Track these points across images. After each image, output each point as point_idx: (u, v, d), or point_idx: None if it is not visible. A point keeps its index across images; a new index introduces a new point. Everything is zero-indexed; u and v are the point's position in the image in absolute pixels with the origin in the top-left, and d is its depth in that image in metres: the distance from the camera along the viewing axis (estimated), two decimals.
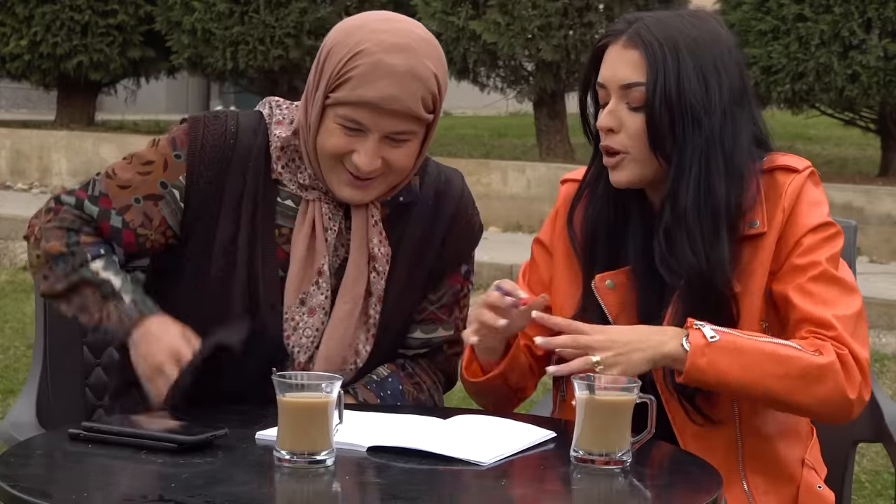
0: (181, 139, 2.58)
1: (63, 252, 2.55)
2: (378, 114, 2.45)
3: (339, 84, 2.47)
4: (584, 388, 2.20)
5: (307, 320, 2.56)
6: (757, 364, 2.35)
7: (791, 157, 2.53)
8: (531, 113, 11.70)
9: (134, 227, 2.57)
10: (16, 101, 18.15)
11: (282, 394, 2.14)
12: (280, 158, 2.57)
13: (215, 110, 2.64)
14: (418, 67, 2.47)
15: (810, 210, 2.47)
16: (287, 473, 2.11)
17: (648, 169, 2.47)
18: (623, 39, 2.47)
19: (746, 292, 2.45)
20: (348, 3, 11.94)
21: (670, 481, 2.23)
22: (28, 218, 2.69)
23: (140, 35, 12.87)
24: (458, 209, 2.67)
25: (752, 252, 2.46)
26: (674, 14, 2.52)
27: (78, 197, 2.60)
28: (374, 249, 2.57)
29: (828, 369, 2.37)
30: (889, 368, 6.56)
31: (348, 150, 2.49)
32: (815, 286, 2.43)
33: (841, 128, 11.42)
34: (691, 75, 2.44)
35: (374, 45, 2.46)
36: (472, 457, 2.18)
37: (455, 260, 2.68)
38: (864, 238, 8.85)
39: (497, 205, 10.32)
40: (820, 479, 2.55)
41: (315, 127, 2.51)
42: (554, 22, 10.47)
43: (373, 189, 2.53)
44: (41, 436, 2.39)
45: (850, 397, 2.39)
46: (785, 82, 9.63)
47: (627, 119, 2.46)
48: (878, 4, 9.36)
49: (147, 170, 2.58)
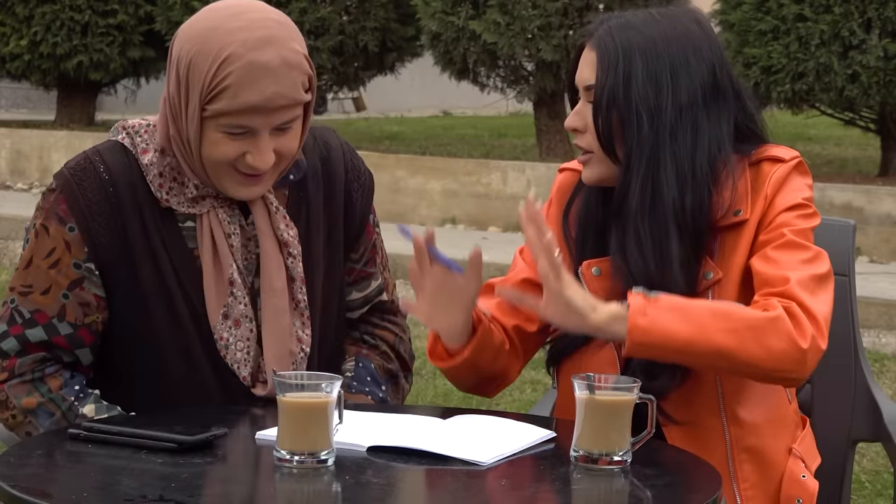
0: (63, 210, 2.49)
1: (42, 403, 2.47)
2: (264, 113, 2.41)
3: (214, 96, 2.41)
4: (584, 388, 2.20)
5: (235, 332, 2.53)
6: (702, 320, 2.34)
7: (781, 148, 2.55)
8: (531, 113, 11.69)
9: (81, 322, 2.50)
10: (16, 101, 18.14)
11: (282, 394, 2.13)
12: (162, 186, 2.51)
13: (76, 161, 2.53)
14: (289, 56, 2.42)
15: (789, 193, 2.49)
16: (287, 473, 2.11)
17: (611, 168, 2.51)
18: (589, 42, 2.53)
19: (726, 278, 2.48)
20: (348, 3, 11.94)
21: (670, 481, 2.23)
22: (27, 218, 2.66)
23: (140, 35, 12.87)
24: (347, 166, 2.67)
25: (734, 239, 2.49)
26: (644, 13, 2.53)
27: (16, 335, 2.49)
28: (282, 235, 2.55)
29: (775, 320, 2.35)
30: (889, 368, 6.55)
31: (240, 154, 2.44)
32: (775, 252, 2.44)
33: (841, 128, 11.41)
34: (639, 77, 2.46)
35: (238, 46, 2.40)
36: (471, 457, 2.18)
37: (362, 214, 2.68)
38: (864, 238, 8.85)
39: (497, 205, 10.32)
40: (805, 469, 2.54)
41: (196, 141, 2.45)
42: (554, 22, 10.47)
43: (266, 181, 2.51)
44: (41, 436, 2.39)
45: (803, 346, 2.34)
46: (785, 82, 9.63)
47: (590, 117, 2.50)
48: (878, 4, 9.36)
49: (54, 260, 2.49)
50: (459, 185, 10.50)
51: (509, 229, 10.03)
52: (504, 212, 10.23)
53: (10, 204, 10.85)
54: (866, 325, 7.21)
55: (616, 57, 2.48)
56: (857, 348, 2.81)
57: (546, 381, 5.13)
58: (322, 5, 11.81)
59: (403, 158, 10.86)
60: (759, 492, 2.50)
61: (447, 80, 11.59)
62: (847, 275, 2.80)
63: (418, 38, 11.91)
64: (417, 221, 10.27)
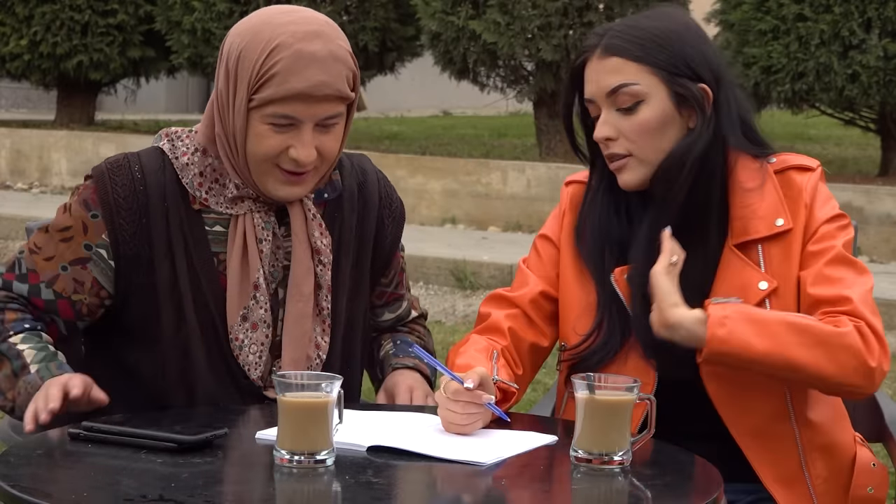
0: (92, 198, 2.55)
1: None
2: (310, 102, 2.45)
3: (262, 83, 2.46)
4: (584, 388, 2.20)
5: (251, 335, 2.55)
6: (778, 333, 2.38)
7: (799, 156, 2.60)
8: (531, 113, 11.70)
9: (67, 294, 2.56)
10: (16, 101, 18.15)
11: (282, 393, 2.14)
12: (202, 185, 2.56)
13: (115, 158, 2.60)
14: (336, 50, 2.48)
15: (824, 204, 2.55)
16: (287, 473, 2.11)
17: (653, 166, 2.51)
18: (598, 52, 2.52)
19: (783, 288, 2.50)
20: (348, 3, 11.95)
21: (670, 481, 2.23)
22: (27, 218, 2.70)
23: (140, 35, 12.88)
24: (381, 195, 2.72)
25: (781, 248, 2.51)
26: (640, 16, 2.57)
27: (6, 280, 2.59)
28: (316, 242, 2.58)
29: (847, 337, 2.40)
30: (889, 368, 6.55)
31: (284, 148, 2.48)
32: (829, 269, 2.49)
33: (841, 128, 11.42)
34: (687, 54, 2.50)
35: (287, 36, 2.46)
36: (473, 458, 2.18)
37: (392, 241, 2.74)
38: (864, 238, 8.85)
39: (497, 205, 10.32)
40: (874, 458, 2.59)
41: (242, 135, 2.49)
42: (554, 22, 10.47)
43: (307, 182, 2.54)
44: (41, 435, 2.39)
45: (872, 365, 2.41)
46: (785, 82, 9.63)
47: (622, 123, 2.50)
48: (878, 4, 9.36)
49: (67, 236, 2.56)
50: (459, 185, 10.50)
51: (509, 229, 10.03)
52: (504, 212, 10.23)
53: (10, 204, 10.85)
54: None
55: (649, 47, 2.49)
56: None
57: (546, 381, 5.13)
58: (322, 5, 11.81)
59: (403, 158, 10.86)
60: (832, 486, 2.54)
61: (447, 80, 11.59)
62: None
63: (418, 37, 11.91)
64: (417, 221, 10.28)
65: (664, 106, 2.49)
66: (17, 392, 2.49)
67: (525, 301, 2.63)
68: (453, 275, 8.39)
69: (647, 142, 2.50)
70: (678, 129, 2.51)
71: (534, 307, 2.63)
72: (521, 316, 2.62)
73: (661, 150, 2.50)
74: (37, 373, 2.48)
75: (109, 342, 2.62)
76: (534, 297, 2.63)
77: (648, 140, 2.50)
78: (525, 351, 2.61)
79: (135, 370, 2.58)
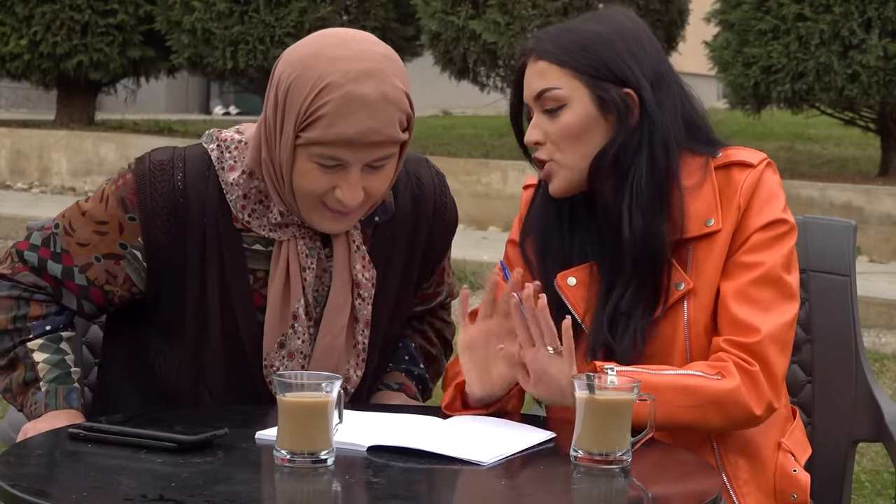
0: (131, 200, 2.48)
1: (8, 329, 2.53)
2: (357, 148, 2.36)
3: (309, 123, 2.36)
4: (583, 388, 2.20)
5: (287, 364, 2.51)
6: (667, 399, 2.36)
7: (747, 150, 2.55)
8: None
9: (100, 284, 2.53)
10: (16, 101, 18.16)
11: (282, 393, 2.13)
12: (245, 207, 2.48)
13: (161, 158, 2.52)
14: (389, 92, 2.37)
15: (763, 207, 2.49)
16: (287, 473, 2.11)
17: (578, 173, 2.51)
18: (532, 56, 2.53)
19: (699, 290, 2.48)
20: (348, 3, 11.95)
21: (670, 481, 2.23)
22: (27, 218, 2.69)
23: (140, 35, 12.89)
24: (436, 204, 2.65)
25: (706, 250, 2.49)
26: (577, 19, 2.58)
27: (41, 256, 2.53)
28: (357, 276, 2.52)
29: (734, 393, 2.40)
30: (889, 368, 6.56)
31: (330, 187, 2.40)
32: (753, 288, 2.45)
33: (841, 127, 11.43)
34: (613, 58, 2.49)
35: (339, 76, 2.35)
36: (472, 457, 2.18)
37: (442, 249, 2.69)
38: (864, 238, 8.85)
39: (497, 204, 10.32)
40: (796, 463, 2.55)
41: (289, 168, 2.41)
42: (554, 22, 10.44)
43: (353, 217, 2.47)
44: (41, 435, 2.38)
45: (756, 413, 2.42)
46: (785, 82, 9.64)
47: (548, 127, 2.51)
48: (878, 4, 9.37)
49: (103, 230, 2.51)
50: (459, 185, 10.50)
51: (509, 229, 10.02)
52: (504, 211, 10.23)
53: (10, 204, 10.85)
54: (866, 325, 7.22)
55: (576, 51, 2.49)
56: (857, 348, 2.81)
57: None
58: (322, 5, 11.82)
59: None
60: (754, 488, 2.51)
61: (447, 80, 11.60)
62: (848, 275, 2.80)
63: (418, 37, 11.92)
64: None
65: (587, 111, 2.49)
66: (25, 400, 2.51)
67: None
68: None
69: (570, 146, 2.50)
70: (603, 134, 2.50)
71: None
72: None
73: (585, 155, 2.50)
74: (45, 395, 2.48)
75: (134, 323, 2.59)
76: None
77: (571, 145, 2.49)
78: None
79: (152, 361, 2.57)
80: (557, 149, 2.51)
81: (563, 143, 2.50)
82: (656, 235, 2.48)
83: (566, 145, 2.50)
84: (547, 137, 2.51)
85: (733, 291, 2.46)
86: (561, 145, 2.51)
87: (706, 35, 10.64)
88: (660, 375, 2.40)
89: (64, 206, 2.67)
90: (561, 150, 2.51)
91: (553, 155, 2.51)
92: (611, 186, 2.51)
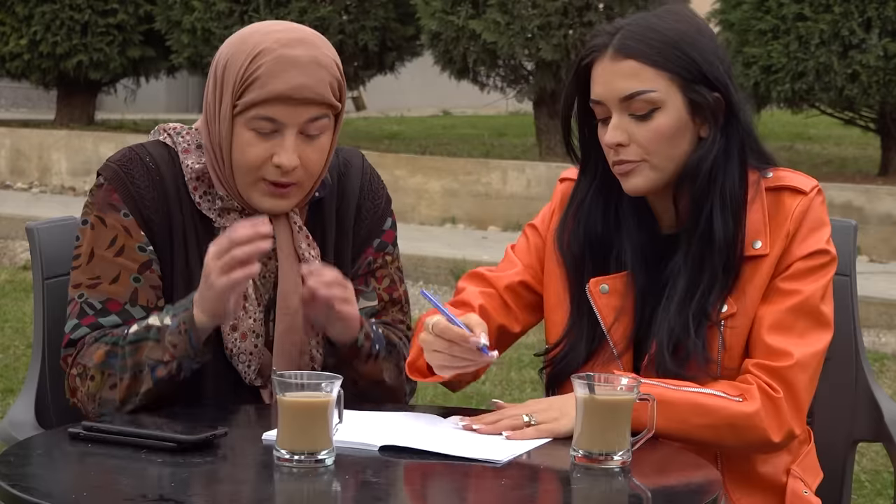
0: (115, 198, 2.54)
1: (109, 350, 2.48)
2: (291, 105, 2.47)
3: (245, 88, 2.48)
4: (583, 388, 2.20)
5: (240, 345, 2.55)
6: (684, 416, 2.34)
7: (798, 176, 2.50)
8: (531, 112, 11.70)
9: (154, 304, 2.53)
10: (15, 101, 18.15)
11: (282, 393, 2.14)
12: (197, 189, 2.57)
13: (121, 154, 2.57)
14: (320, 56, 2.51)
15: (808, 235, 2.45)
16: (287, 473, 2.11)
17: (665, 174, 2.45)
18: (610, 52, 2.43)
19: (739, 313, 2.44)
20: (348, 3, 11.95)
21: (670, 481, 2.23)
22: (27, 218, 2.69)
23: (140, 34, 12.88)
24: (363, 187, 2.69)
25: (750, 272, 2.44)
26: (650, 15, 2.48)
27: (88, 325, 2.52)
28: (303, 255, 2.58)
29: (753, 417, 2.37)
30: (889, 368, 6.56)
31: (268, 157, 2.49)
32: (789, 316, 2.42)
33: (841, 127, 11.42)
34: (703, 59, 2.42)
35: (272, 42, 2.49)
36: (488, 456, 2.18)
37: (368, 235, 2.68)
38: (864, 238, 8.85)
39: (497, 204, 10.32)
40: (807, 486, 2.53)
41: (227, 143, 2.51)
42: (554, 21, 10.46)
43: (292, 196, 2.54)
44: (41, 435, 2.39)
45: (774, 440, 2.39)
46: (785, 82, 9.63)
47: (635, 130, 2.42)
48: (878, 4, 9.36)
49: (119, 246, 2.53)
50: (459, 185, 10.50)
51: (509, 229, 10.02)
52: (504, 211, 10.22)
53: (10, 204, 10.84)
54: (866, 325, 7.21)
55: (663, 50, 2.41)
56: (857, 348, 2.81)
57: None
58: (322, 5, 11.82)
59: (403, 158, 10.86)
60: None
61: (447, 80, 11.59)
62: (848, 275, 2.80)
63: (418, 37, 11.91)
64: (417, 221, 10.28)
65: (680, 114, 2.43)
66: (169, 347, 2.42)
67: (502, 284, 2.58)
68: (453, 274, 8.38)
69: (659, 149, 2.42)
70: (690, 137, 2.44)
71: (510, 292, 2.58)
72: (496, 297, 2.57)
73: (672, 157, 2.44)
74: (174, 317, 2.43)
75: None
76: (512, 283, 2.58)
77: (661, 147, 2.42)
78: (492, 331, 2.52)
79: None
80: (646, 151, 2.42)
81: (653, 146, 2.42)
82: (742, 243, 2.43)
83: (656, 148, 2.42)
84: (632, 139, 2.42)
85: (769, 316, 2.42)
86: (650, 148, 2.42)
87: None
88: (678, 391, 2.36)
89: (64, 205, 2.69)
90: (650, 153, 2.43)
91: (642, 156, 2.43)
92: (695, 192, 2.44)
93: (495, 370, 5.97)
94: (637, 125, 2.43)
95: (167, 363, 2.44)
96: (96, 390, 2.48)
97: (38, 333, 2.80)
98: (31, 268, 2.83)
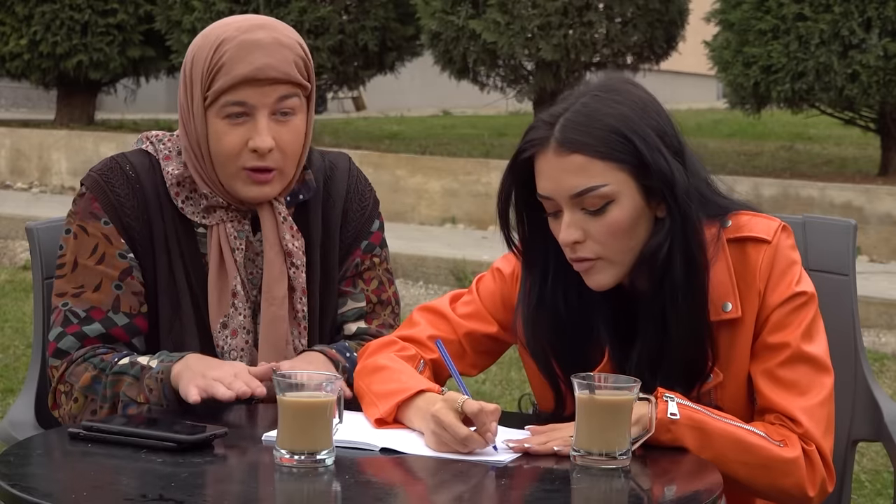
0: (96, 207, 2.59)
1: (95, 375, 2.52)
2: (258, 86, 2.52)
3: (212, 78, 2.54)
4: (583, 388, 2.20)
5: (231, 342, 2.60)
6: (721, 448, 2.28)
7: (759, 220, 2.40)
8: (531, 112, 11.70)
9: (137, 310, 2.58)
10: (15, 101, 18.15)
11: (282, 393, 2.14)
12: (179, 194, 2.61)
13: (102, 164, 2.62)
14: (282, 38, 2.56)
15: (779, 282, 2.36)
16: (287, 473, 2.11)
17: (625, 266, 2.34)
18: (553, 146, 2.30)
19: (727, 381, 2.39)
20: (348, 3, 11.94)
21: (670, 481, 2.23)
22: (27, 218, 2.71)
23: (140, 34, 12.87)
24: (349, 189, 2.73)
25: (729, 337, 2.37)
26: (589, 98, 2.32)
27: (73, 334, 2.57)
28: (287, 245, 2.62)
29: (792, 464, 2.31)
30: (889, 368, 6.56)
31: (243, 143, 2.54)
32: (784, 370, 2.36)
33: (841, 127, 11.42)
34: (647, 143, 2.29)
35: (233, 31, 2.56)
36: (491, 458, 2.19)
37: (356, 237, 2.72)
38: (864, 238, 8.85)
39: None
40: None
41: (204, 137, 2.56)
42: (554, 21, 10.47)
43: (275, 183, 2.58)
44: (41, 435, 2.39)
45: (810, 494, 2.33)
46: (785, 82, 9.63)
47: (590, 226, 2.31)
48: (878, 4, 9.36)
49: (100, 254, 2.58)
50: (459, 185, 10.50)
51: None
52: None
53: (10, 203, 10.84)
54: (866, 325, 7.21)
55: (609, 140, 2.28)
56: (857, 348, 2.81)
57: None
58: (322, 5, 11.81)
59: (403, 158, 10.86)
60: None
61: (447, 80, 11.59)
62: (847, 275, 2.80)
63: (418, 37, 11.91)
64: (417, 221, 10.27)
65: (635, 203, 2.31)
66: (145, 389, 2.46)
67: (463, 331, 2.51)
68: (453, 274, 8.38)
69: (616, 244, 2.31)
70: (647, 223, 2.33)
71: (470, 340, 2.52)
72: (455, 342, 2.50)
73: (631, 249, 2.32)
74: (160, 362, 2.48)
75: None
76: (475, 333, 2.52)
77: (618, 242, 2.31)
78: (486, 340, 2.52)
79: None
80: (603, 246, 2.31)
81: (610, 242, 2.31)
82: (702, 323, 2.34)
83: (612, 243, 2.32)
84: (587, 236, 2.31)
85: (765, 378, 2.37)
86: (607, 244, 2.31)
87: (706, 35, 10.63)
88: (721, 422, 2.30)
89: (63, 205, 2.70)
90: (607, 247, 2.32)
91: (598, 253, 2.32)
92: (653, 275, 2.33)
93: (495, 370, 5.96)
94: (591, 220, 2.31)
95: (139, 404, 2.48)
96: (78, 412, 2.54)
97: (38, 333, 2.81)
98: (31, 268, 2.83)
